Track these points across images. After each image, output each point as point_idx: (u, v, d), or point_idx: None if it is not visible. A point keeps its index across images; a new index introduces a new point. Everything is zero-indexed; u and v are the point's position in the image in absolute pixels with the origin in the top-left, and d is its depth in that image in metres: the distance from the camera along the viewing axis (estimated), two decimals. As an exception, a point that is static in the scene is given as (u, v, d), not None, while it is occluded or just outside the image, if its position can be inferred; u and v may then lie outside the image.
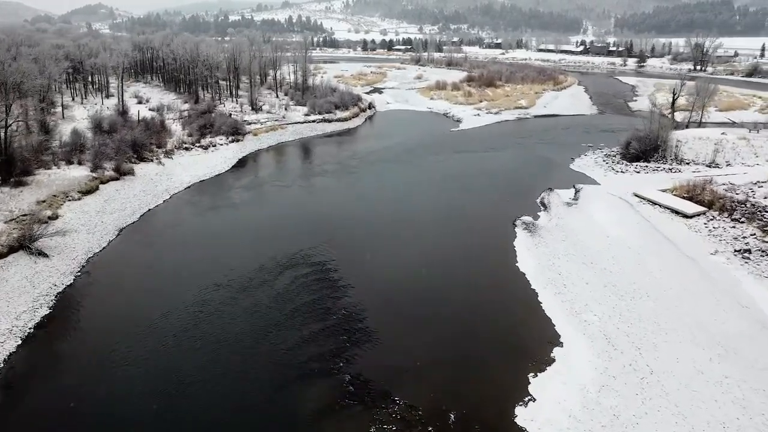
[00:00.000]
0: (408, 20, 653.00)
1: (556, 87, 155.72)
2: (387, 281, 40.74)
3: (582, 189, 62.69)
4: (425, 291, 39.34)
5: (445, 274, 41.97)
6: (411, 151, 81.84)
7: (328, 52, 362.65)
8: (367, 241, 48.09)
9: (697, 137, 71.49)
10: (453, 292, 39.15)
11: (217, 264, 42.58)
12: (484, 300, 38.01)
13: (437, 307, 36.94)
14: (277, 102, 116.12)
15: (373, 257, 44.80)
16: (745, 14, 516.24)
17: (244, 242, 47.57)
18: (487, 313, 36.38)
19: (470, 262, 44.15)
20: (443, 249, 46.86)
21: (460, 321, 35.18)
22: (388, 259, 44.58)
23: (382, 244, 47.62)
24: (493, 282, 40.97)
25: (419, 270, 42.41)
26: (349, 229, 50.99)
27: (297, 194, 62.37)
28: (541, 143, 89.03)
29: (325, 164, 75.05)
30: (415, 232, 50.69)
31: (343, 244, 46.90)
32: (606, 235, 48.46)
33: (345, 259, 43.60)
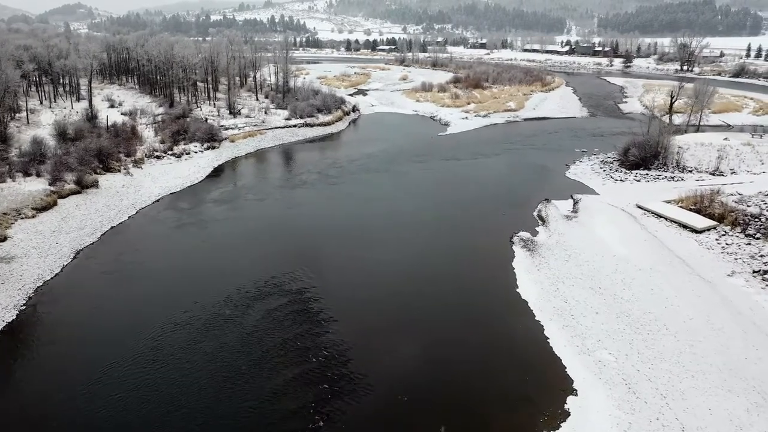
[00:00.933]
0: (392, 20, 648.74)
1: (544, 88, 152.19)
2: (373, 313, 36.23)
3: (581, 200, 58.68)
4: (416, 325, 34.88)
5: (438, 305, 37.52)
6: (397, 159, 77.35)
7: (311, 52, 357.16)
8: (349, 265, 43.54)
9: (698, 143, 67.88)
10: (448, 327, 34.68)
11: (179, 296, 37.75)
12: (483, 337, 33.59)
13: (430, 346, 32.50)
14: (257, 105, 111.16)
15: (356, 283, 40.29)
16: (727, 14, 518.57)
17: (210, 268, 42.72)
18: (489, 353, 31.99)
19: (466, 289, 39.78)
20: (435, 272, 42.48)
21: (457, 364, 30.78)
22: (374, 286, 40.12)
23: (366, 268, 43.12)
24: (492, 313, 36.62)
25: (409, 298, 37.98)
26: (330, 250, 46.39)
27: (272, 209, 57.20)
28: (533, 148, 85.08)
29: (304, 174, 70.22)
30: (402, 252, 46.26)
31: (323, 268, 42.34)
32: (612, 254, 44.37)
33: (325, 287, 39.05)
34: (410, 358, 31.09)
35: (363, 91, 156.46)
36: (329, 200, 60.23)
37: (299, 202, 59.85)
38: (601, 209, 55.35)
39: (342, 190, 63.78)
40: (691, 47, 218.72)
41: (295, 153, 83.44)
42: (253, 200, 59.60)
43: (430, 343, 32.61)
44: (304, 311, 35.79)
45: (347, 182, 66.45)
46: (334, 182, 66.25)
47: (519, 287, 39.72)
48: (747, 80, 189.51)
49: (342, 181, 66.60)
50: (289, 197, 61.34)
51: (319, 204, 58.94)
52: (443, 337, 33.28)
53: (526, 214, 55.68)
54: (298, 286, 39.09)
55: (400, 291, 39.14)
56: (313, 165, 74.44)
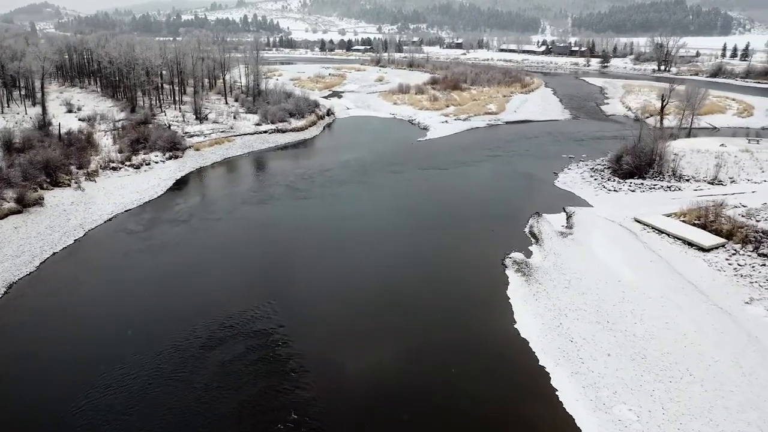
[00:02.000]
0: (366, 20, 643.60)
1: (524, 90, 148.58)
2: (350, 358, 31.11)
3: (574, 213, 54.32)
4: (399, 375, 29.89)
5: (423, 345, 32.58)
6: (373, 168, 72.15)
7: (285, 52, 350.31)
8: (320, 296, 38.38)
9: (695, 150, 64.12)
10: (435, 374, 29.78)
11: (119, 342, 32.23)
12: (483, 389, 28.68)
13: (416, 403, 27.55)
14: (226, 109, 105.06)
15: (329, 320, 35.14)
16: (698, 14, 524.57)
17: (160, 305, 37.19)
18: (486, 410, 27.14)
19: (455, 324, 34.87)
20: (419, 305, 37.52)
21: (446, 427, 25.89)
22: (349, 323, 34.99)
23: (339, 299, 37.99)
24: (490, 357, 31.72)
25: (389, 341, 32.98)
26: (299, 280, 41.18)
27: (233, 231, 50.87)
28: (517, 155, 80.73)
29: (272, 186, 64.54)
30: (380, 280, 41.28)
31: (292, 303, 37.12)
32: (617, 279, 39.93)
33: (294, 327, 33.87)
34: (391, 422, 26.10)
35: (338, 93, 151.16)
36: (296, 219, 54.06)
37: (263, 221, 53.53)
38: (597, 224, 51.01)
39: (311, 206, 57.85)
40: (668, 47, 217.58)
41: (264, 162, 77.83)
42: (213, 219, 53.53)
43: (415, 398, 27.64)
44: (270, 361, 30.58)
45: (318, 196, 60.68)
46: (303, 196, 60.60)
47: (517, 322, 34.98)
48: (724, 80, 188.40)
49: (312, 195, 60.94)
50: (252, 216, 55.03)
51: (285, 224, 52.70)
52: (430, 388, 28.35)
53: (516, 230, 51.13)
54: (261, 327, 33.79)
55: (377, 330, 34.10)
56: (282, 176, 68.88)
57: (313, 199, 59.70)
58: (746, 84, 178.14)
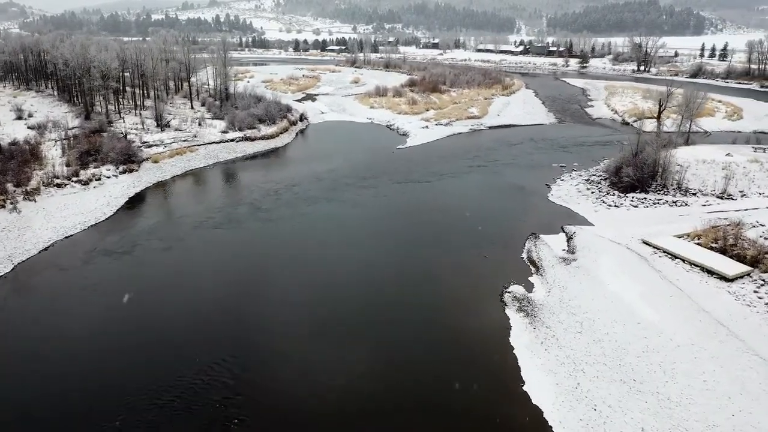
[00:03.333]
0: (341, 19, 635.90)
1: (505, 92, 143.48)
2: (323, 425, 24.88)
3: (575, 235, 48.71)
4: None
5: (409, 416, 26.45)
6: (348, 182, 65.60)
7: (258, 53, 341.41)
8: (284, 351, 31.98)
9: (699, 160, 59.04)
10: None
11: (39, 416, 25.55)
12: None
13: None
14: (191, 115, 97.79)
15: (294, 391, 28.80)
16: (672, 14, 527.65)
17: (90, 364, 30.48)
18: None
19: (450, 387, 28.77)
20: (402, 356, 31.37)
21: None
22: (320, 383, 28.68)
23: (307, 351, 31.62)
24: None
25: (366, 408, 26.78)
26: (260, 328, 34.70)
27: (182, 265, 43.74)
28: (505, 164, 75.07)
29: (233, 205, 57.53)
30: (354, 324, 35.03)
31: (252, 357, 30.71)
32: (636, 320, 34.25)
33: (254, 387, 27.48)
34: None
35: (312, 96, 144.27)
36: (255, 248, 46.92)
37: (216, 253, 45.88)
38: (602, 248, 45.40)
39: (275, 231, 50.67)
40: (647, 47, 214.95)
41: (229, 175, 70.86)
42: (161, 249, 46.01)
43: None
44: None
45: (283, 218, 53.48)
46: (267, 218, 53.56)
47: (525, 382, 29.02)
48: (705, 81, 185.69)
49: (277, 217, 53.85)
50: (205, 245, 47.40)
51: (241, 256, 45.21)
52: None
53: (512, 256, 45.33)
54: (208, 399, 27.32)
55: (352, 392, 27.89)
56: (246, 192, 61.99)
57: (278, 222, 52.54)
58: (727, 84, 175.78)
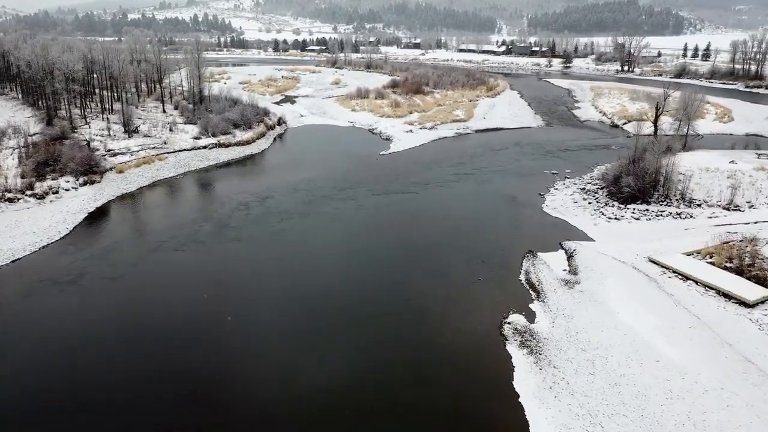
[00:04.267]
0: (322, 19, 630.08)
1: (490, 93, 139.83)
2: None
3: (576, 252, 44.79)
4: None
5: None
6: (327, 193, 60.89)
7: (236, 53, 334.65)
8: (249, 408, 27.53)
9: (703, 168, 55.56)
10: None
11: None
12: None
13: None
14: (163, 119, 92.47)
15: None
16: (651, 14, 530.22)
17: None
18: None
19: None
20: (387, 408, 27.06)
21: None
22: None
23: (279, 402, 27.20)
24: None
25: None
26: (224, 374, 30.19)
27: (132, 297, 38.00)
28: (493, 171, 71.08)
29: (198, 222, 52.19)
30: (333, 366, 30.61)
31: (213, 411, 26.17)
32: (654, 357, 30.30)
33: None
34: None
35: (291, 98, 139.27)
36: (215, 276, 41.23)
37: (169, 282, 40.69)
38: (606, 268, 41.50)
39: (240, 253, 45.40)
40: (631, 47, 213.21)
41: (199, 185, 65.83)
42: (111, 278, 40.42)
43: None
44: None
45: (251, 238, 48.38)
46: (233, 237, 48.49)
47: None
48: (689, 81, 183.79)
49: (245, 236, 48.70)
50: (158, 271, 42.27)
51: (199, 285, 39.73)
52: None
53: (509, 278, 41.29)
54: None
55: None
56: (215, 205, 57.02)
57: (245, 243, 47.38)
58: (711, 85, 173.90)
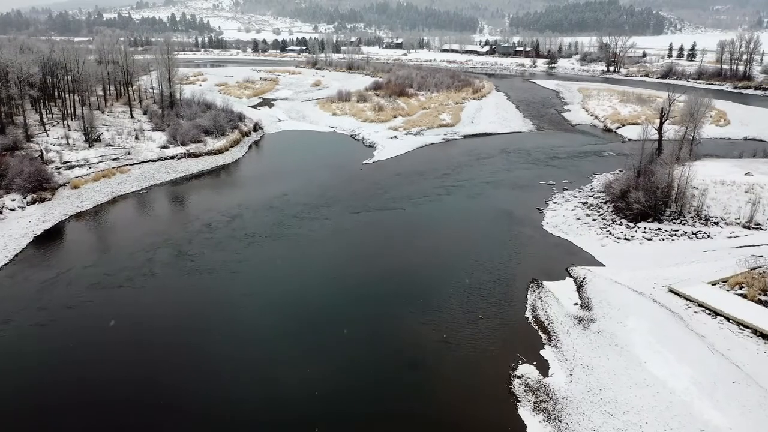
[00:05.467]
0: (302, 19, 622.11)
1: (475, 95, 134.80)
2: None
3: (586, 280, 39.66)
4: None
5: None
6: (304, 210, 54.95)
7: (214, 53, 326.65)
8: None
9: (717, 181, 50.75)
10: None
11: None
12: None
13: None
14: (130, 126, 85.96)
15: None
16: (632, 14, 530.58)
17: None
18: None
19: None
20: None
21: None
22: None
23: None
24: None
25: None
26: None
27: (58, 349, 32.03)
28: (486, 183, 65.86)
29: (155, 248, 45.82)
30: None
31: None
32: (698, 425, 25.13)
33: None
34: None
35: (269, 101, 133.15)
36: (161, 323, 34.92)
37: (101, 331, 33.79)
38: (623, 301, 36.37)
39: (196, 289, 39.29)
40: (616, 47, 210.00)
41: (162, 202, 59.56)
42: (38, 323, 34.28)
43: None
44: None
45: (212, 269, 42.02)
46: (190, 269, 42.17)
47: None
48: (676, 81, 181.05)
49: (204, 267, 42.36)
50: (94, 313, 35.79)
51: (139, 335, 33.39)
52: None
53: (513, 314, 36.01)
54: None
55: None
56: (176, 227, 50.66)
57: (203, 276, 41.08)
58: (699, 85, 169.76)
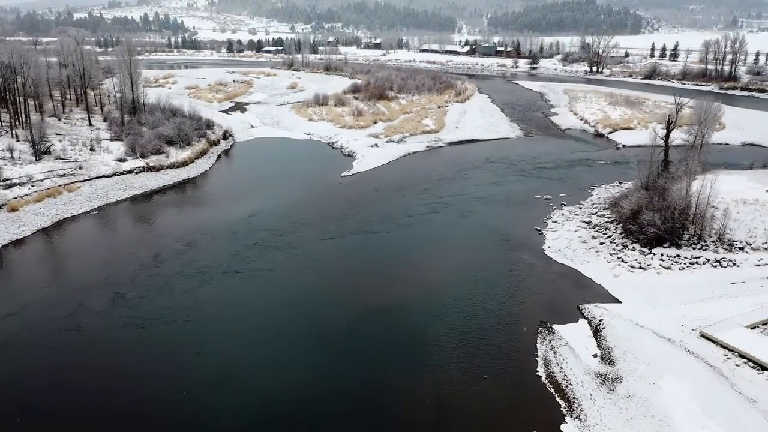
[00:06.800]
0: (279, 18, 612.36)
1: (458, 98, 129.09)
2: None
3: (603, 324, 33.99)
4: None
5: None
6: (270, 237, 48.52)
7: (188, 54, 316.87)
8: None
9: (738, 199, 45.45)
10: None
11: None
12: None
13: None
14: (86, 136, 78.56)
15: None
16: (609, 13, 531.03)
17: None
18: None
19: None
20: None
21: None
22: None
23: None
24: None
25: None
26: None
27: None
28: (476, 198, 60.02)
29: (89, 289, 39.14)
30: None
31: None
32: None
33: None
34: None
35: (242, 105, 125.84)
36: (87, 391, 28.63)
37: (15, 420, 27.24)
38: (651, 354, 30.70)
39: (130, 346, 32.64)
40: (599, 47, 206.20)
41: (110, 228, 52.41)
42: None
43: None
44: None
45: (154, 318, 35.51)
46: (125, 321, 35.29)
47: None
48: (660, 82, 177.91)
49: (144, 315, 35.91)
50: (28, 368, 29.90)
51: (59, 412, 27.19)
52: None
53: (523, 371, 30.22)
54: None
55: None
56: (120, 260, 43.64)
57: (140, 330, 34.31)
58: (684, 86, 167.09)
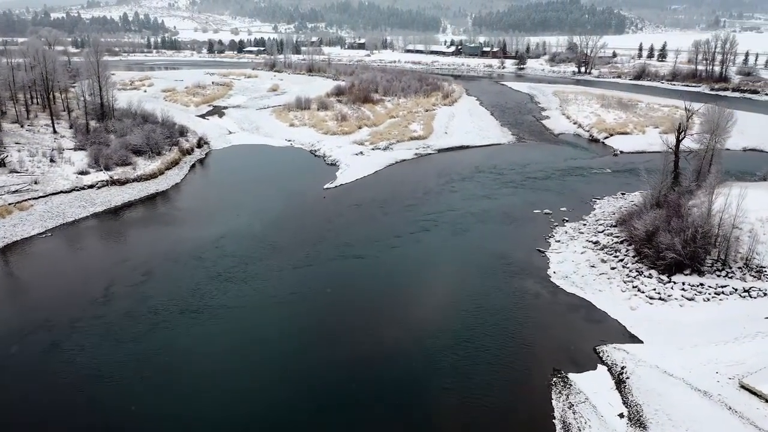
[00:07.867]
0: (261, 18, 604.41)
1: (446, 101, 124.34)
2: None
3: (626, 373, 29.38)
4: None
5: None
6: (237, 265, 43.10)
7: (167, 55, 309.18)
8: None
9: (764, 219, 41.01)
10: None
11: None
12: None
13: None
14: (48, 145, 72.68)
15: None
16: (593, 13, 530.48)
17: None
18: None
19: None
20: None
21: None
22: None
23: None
24: None
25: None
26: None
27: None
28: (470, 213, 55.18)
29: (24, 334, 33.74)
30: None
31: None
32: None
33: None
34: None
35: (220, 109, 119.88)
36: None
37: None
38: (689, 414, 26.12)
39: (54, 414, 27.49)
40: (587, 47, 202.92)
41: (62, 253, 46.47)
42: None
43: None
44: None
45: (92, 374, 29.91)
46: (57, 377, 29.69)
47: None
48: (650, 83, 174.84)
49: (78, 372, 30.12)
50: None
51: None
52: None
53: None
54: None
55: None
56: (64, 298, 37.87)
57: (77, 392, 28.76)
58: (674, 87, 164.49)
